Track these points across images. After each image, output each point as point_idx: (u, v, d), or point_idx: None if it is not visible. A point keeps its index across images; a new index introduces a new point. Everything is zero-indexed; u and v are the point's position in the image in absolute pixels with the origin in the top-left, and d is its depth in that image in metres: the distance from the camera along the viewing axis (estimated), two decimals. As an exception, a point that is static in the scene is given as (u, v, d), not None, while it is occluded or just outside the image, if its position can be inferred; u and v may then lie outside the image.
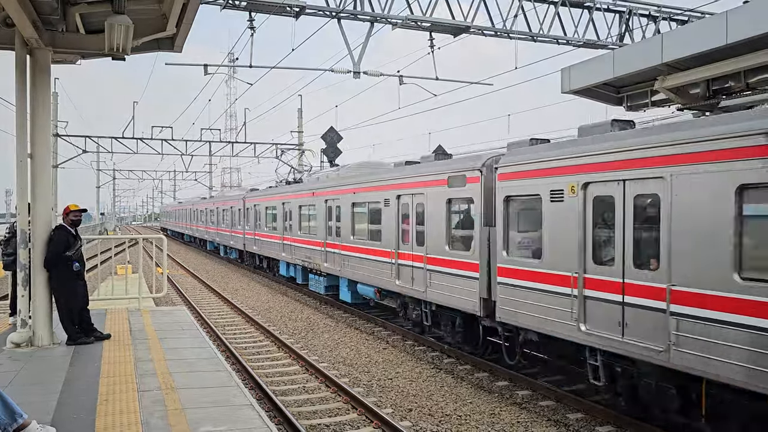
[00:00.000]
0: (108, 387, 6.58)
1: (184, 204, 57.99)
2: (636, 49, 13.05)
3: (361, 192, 15.95)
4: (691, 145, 6.81)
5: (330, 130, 30.42)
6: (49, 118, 8.67)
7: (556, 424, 8.54)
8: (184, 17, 8.05)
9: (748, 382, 6.16)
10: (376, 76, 17.90)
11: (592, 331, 8.12)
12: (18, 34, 7.96)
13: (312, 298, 20.30)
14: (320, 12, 15.11)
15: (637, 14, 17.89)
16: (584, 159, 8.33)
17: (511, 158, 9.98)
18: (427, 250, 12.29)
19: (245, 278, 27.32)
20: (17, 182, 8.28)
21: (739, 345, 6.23)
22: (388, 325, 14.98)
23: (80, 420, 5.57)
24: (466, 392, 9.99)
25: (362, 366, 11.72)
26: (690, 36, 10.77)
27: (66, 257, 8.53)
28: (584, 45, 17.46)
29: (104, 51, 8.30)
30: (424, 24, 15.58)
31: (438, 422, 8.59)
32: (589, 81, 12.85)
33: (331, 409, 9.13)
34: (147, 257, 30.44)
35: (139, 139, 34.41)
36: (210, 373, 7.33)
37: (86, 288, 9.17)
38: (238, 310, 18.08)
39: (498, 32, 16.54)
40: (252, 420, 5.71)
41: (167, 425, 5.46)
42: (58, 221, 9.15)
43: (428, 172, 12.49)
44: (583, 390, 9.59)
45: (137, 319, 10.61)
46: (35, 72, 8.30)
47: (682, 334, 6.81)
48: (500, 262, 10.01)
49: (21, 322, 8.42)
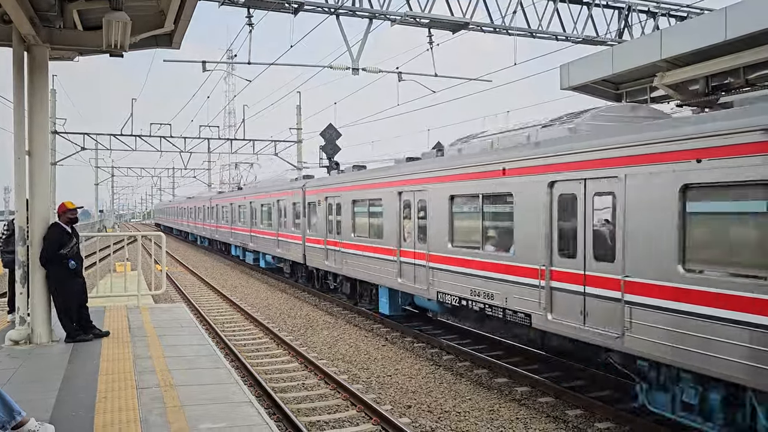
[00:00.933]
0: (107, 384, 6.57)
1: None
2: (635, 46, 13.07)
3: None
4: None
5: (329, 127, 30.39)
6: (47, 115, 8.64)
7: (555, 420, 8.54)
8: (182, 13, 8.01)
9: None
10: (375, 72, 17.87)
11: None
12: (15, 30, 7.94)
13: (311, 295, 20.31)
14: (319, 8, 15.06)
15: (636, 10, 17.86)
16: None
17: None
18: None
19: (244, 275, 27.32)
20: (15, 179, 8.26)
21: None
22: (386, 321, 14.98)
23: (79, 417, 5.57)
24: (465, 389, 9.99)
25: (361, 363, 11.72)
26: (689, 32, 10.78)
27: (61, 255, 8.50)
28: (583, 41, 17.42)
29: (102, 48, 8.25)
30: (423, 20, 15.55)
31: (437, 419, 8.60)
32: (588, 77, 12.86)
33: (330, 406, 9.13)
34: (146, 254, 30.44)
35: (138, 136, 34.37)
36: (209, 370, 7.33)
37: (84, 285, 9.14)
38: (237, 307, 18.07)
39: (497, 29, 16.50)
40: (251, 417, 5.70)
41: (166, 422, 5.46)
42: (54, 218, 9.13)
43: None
44: (583, 386, 9.61)
45: (136, 317, 10.61)
46: (33, 69, 8.27)
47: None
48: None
49: (19, 319, 8.41)
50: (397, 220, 13.76)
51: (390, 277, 14.00)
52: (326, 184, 19.17)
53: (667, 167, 6.94)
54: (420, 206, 12.84)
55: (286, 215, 22.68)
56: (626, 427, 8.10)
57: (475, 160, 10.99)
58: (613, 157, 7.75)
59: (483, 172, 10.56)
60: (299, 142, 36.14)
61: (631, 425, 8.08)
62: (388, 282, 14.22)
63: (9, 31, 8.04)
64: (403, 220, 13.64)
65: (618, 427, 8.16)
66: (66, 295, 8.63)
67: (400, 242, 13.63)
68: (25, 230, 8.30)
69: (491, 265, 10.27)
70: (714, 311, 6.38)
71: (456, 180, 11.45)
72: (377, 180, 15.05)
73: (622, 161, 7.59)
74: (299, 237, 20.94)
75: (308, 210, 20.34)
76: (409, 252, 13.23)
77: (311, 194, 20.02)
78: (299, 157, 35.75)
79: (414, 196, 13.06)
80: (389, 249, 14.04)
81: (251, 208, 28.23)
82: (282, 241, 23.26)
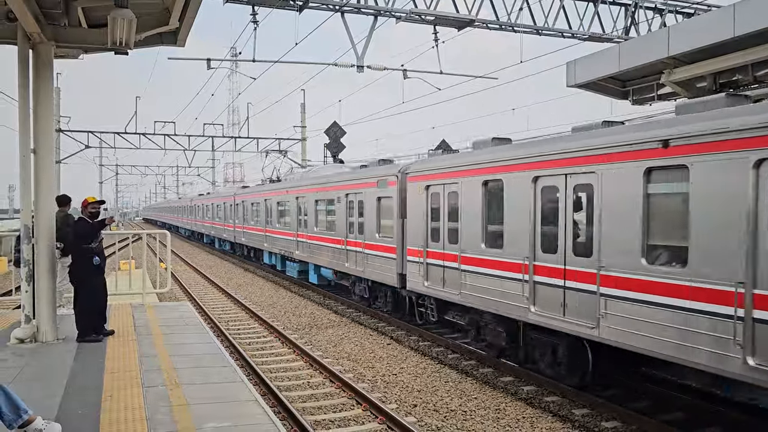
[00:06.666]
0: (113, 383, 6.57)
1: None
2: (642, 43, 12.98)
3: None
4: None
5: (333, 125, 30.32)
6: (51, 114, 8.64)
7: (562, 419, 8.50)
8: (187, 11, 8.01)
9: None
10: (379, 70, 17.83)
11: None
12: (20, 28, 7.93)
13: (316, 293, 20.29)
14: (324, 6, 15.03)
15: (643, 7, 17.76)
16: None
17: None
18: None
19: (249, 273, 27.33)
20: (20, 178, 8.26)
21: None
22: (392, 320, 14.95)
23: (85, 415, 5.56)
24: (471, 387, 9.96)
25: (366, 361, 11.69)
26: (697, 29, 10.71)
27: (87, 249, 8.52)
28: (590, 38, 17.35)
29: (107, 45, 8.27)
30: (429, 17, 15.49)
31: (443, 418, 8.56)
32: (595, 75, 12.80)
33: (336, 405, 9.11)
34: (151, 253, 30.50)
35: (142, 134, 34.41)
36: (214, 368, 7.32)
37: (105, 285, 9.11)
38: (242, 306, 18.07)
39: (503, 26, 16.45)
40: (256, 416, 5.68)
41: (172, 421, 5.45)
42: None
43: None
44: (589, 385, 9.56)
45: (141, 315, 10.61)
46: (38, 67, 8.27)
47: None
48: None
49: (25, 317, 8.41)
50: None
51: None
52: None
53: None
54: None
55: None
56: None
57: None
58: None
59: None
60: (303, 140, 36.14)
61: (638, 424, 8.04)
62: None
63: (14, 29, 8.03)
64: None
65: (625, 427, 8.11)
66: (88, 293, 8.60)
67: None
68: (30, 228, 8.29)
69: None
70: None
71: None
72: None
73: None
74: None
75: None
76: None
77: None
78: (303, 155, 35.75)
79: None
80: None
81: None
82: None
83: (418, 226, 12.74)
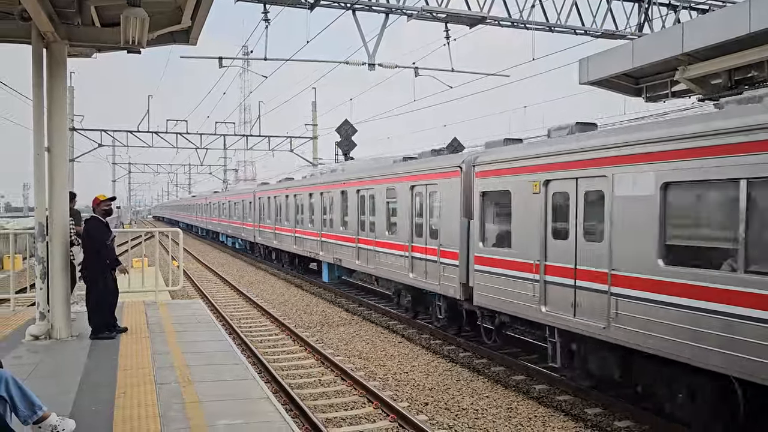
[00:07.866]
0: (126, 380, 6.61)
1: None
2: (655, 39, 12.87)
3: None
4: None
5: (345, 123, 30.34)
6: (65, 112, 8.70)
7: (574, 418, 8.46)
8: (199, 9, 8.02)
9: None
10: (391, 67, 17.81)
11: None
12: (34, 27, 7.98)
13: (328, 291, 20.32)
14: (335, 3, 15.03)
15: (657, 3, 17.59)
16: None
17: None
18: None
19: (260, 272, 27.42)
20: (35, 176, 8.32)
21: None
22: (403, 318, 14.94)
23: (99, 412, 5.60)
24: (482, 386, 9.93)
25: (378, 359, 11.69)
26: (711, 25, 10.58)
27: (104, 248, 8.66)
28: (602, 35, 17.20)
29: (120, 44, 8.30)
30: (440, 15, 15.44)
31: (454, 416, 8.55)
32: (608, 72, 12.72)
33: (347, 403, 9.12)
34: (163, 251, 30.69)
35: (155, 132, 34.64)
36: (226, 366, 7.34)
37: (116, 283, 9.17)
38: (254, 303, 18.14)
39: (515, 23, 16.36)
40: (268, 413, 5.70)
41: (185, 418, 5.47)
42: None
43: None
44: (601, 385, 9.49)
45: (154, 312, 10.67)
46: (51, 66, 8.32)
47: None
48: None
49: (39, 314, 8.47)
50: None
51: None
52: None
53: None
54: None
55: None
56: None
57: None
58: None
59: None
60: (315, 138, 36.19)
61: (650, 424, 7.98)
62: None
63: (28, 28, 8.08)
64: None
65: (638, 426, 8.06)
66: (100, 291, 8.67)
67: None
68: (45, 226, 8.35)
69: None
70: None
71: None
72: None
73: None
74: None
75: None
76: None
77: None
78: (314, 153, 35.81)
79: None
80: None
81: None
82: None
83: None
